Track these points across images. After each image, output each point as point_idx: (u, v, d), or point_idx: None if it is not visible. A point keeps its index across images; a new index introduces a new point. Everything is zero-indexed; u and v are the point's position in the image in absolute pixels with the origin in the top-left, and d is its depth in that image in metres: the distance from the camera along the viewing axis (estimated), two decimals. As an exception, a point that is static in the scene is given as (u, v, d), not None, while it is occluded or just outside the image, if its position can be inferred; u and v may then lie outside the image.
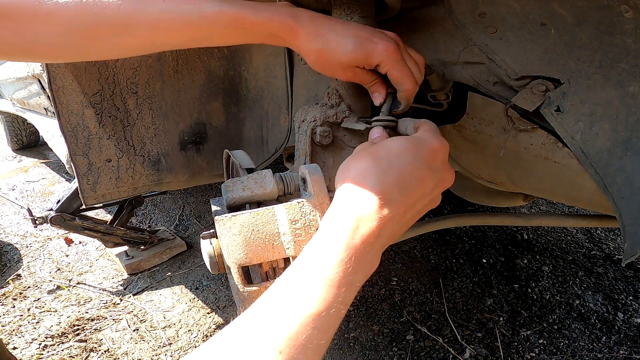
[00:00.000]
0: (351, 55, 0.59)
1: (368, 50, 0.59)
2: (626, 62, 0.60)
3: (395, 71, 0.61)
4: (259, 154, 1.29)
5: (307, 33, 0.59)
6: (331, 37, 0.59)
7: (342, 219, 0.41)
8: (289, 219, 0.46)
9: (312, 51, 0.60)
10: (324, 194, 0.48)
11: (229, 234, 0.45)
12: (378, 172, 0.44)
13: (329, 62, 0.61)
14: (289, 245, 0.46)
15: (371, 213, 0.41)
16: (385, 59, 0.60)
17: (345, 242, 0.39)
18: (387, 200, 0.42)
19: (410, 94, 0.65)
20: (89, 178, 1.07)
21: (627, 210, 0.62)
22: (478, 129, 0.83)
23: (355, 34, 0.59)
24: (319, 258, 0.38)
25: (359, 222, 0.40)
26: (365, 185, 0.43)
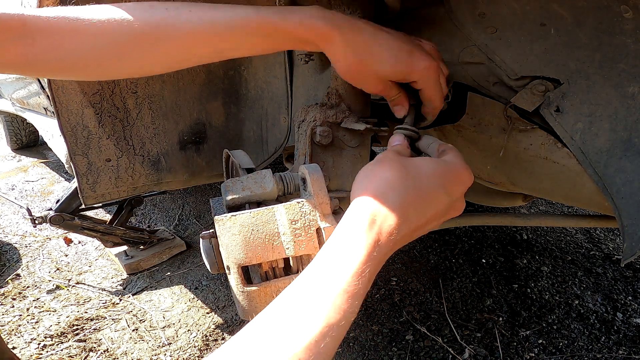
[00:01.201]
0: (390, 70, 0.57)
1: (410, 66, 0.57)
2: (626, 63, 0.60)
3: (431, 90, 0.60)
4: (258, 154, 1.29)
5: (344, 40, 0.55)
6: (373, 48, 0.56)
7: (366, 231, 0.41)
8: (289, 218, 0.46)
9: (348, 60, 0.56)
10: (323, 194, 0.48)
11: (229, 233, 0.45)
12: (402, 188, 0.44)
13: (363, 74, 0.58)
14: (289, 245, 0.46)
15: (391, 229, 0.41)
16: (425, 77, 0.58)
17: (366, 255, 0.39)
18: (405, 219, 0.42)
19: (438, 111, 0.64)
20: (89, 178, 1.07)
21: (627, 211, 0.62)
22: (478, 129, 0.83)
23: (398, 46, 0.56)
24: (339, 268, 0.39)
25: (380, 237, 0.41)
26: (388, 199, 0.43)
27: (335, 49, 0.55)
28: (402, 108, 0.64)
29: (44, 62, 0.48)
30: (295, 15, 0.53)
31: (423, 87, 0.59)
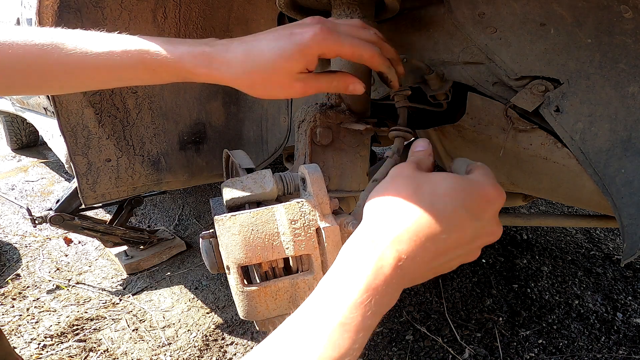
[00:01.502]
0: (282, 60, 0.52)
1: (296, 45, 0.52)
2: (625, 63, 0.60)
3: (342, 47, 0.55)
4: (258, 154, 1.29)
5: (222, 52, 0.52)
6: (254, 51, 0.53)
7: (365, 255, 0.37)
8: (289, 218, 0.46)
9: (238, 70, 0.52)
10: (323, 194, 0.48)
11: (229, 233, 0.45)
12: (415, 209, 0.39)
13: (265, 80, 0.53)
14: (289, 245, 0.46)
15: (398, 255, 0.36)
16: (322, 42, 0.53)
17: (366, 283, 0.35)
18: (416, 245, 0.37)
19: (379, 60, 0.59)
20: (89, 178, 1.07)
21: (627, 210, 0.62)
22: (477, 129, 0.83)
23: (274, 37, 0.54)
24: (336, 299, 0.35)
25: (382, 261, 0.36)
26: (396, 221, 0.38)
27: (223, 69, 0.52)
28: (354, 85, 0.58)
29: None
30: (178, 47, 0.52)
31: (334, 50, 0.55)
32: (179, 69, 0.52)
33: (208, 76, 0.53)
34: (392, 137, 0.68)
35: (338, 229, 0.47)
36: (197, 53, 0.52)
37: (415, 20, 0.86)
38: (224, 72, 0.53)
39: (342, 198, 0.82)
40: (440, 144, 1.02)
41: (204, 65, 0.52)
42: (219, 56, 0.53)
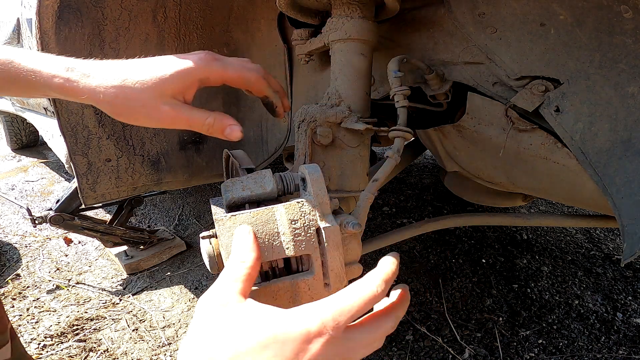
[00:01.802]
0: (159, 76, 0.48)
1: (179, 64, 0.49)
2: (625, 63, 0.60)
3: (226, 71, 0.53)
4: (258, 154, 1.29)
5: (91, 65, 0.49)
6: (135, 62, 0.49)
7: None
8: (289, 218, 0.46)
9: (101, 83, 0.48)
10: (323, 194, 0.48)
11: (229, 233, 0.45)
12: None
13: (128, 95, 0.48)
14: (289, 245, 0.46)
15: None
16: (204, 66, 0.50)
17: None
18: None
19: (264, 83, 0.57)
20: (89, 178, 1.07)
21: (626, 211, 0.62)
22: (477, 129, 0.83)
23: (161, 58, 0.51)
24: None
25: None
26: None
27: (88, 80, 0.48)
28: (231, 129, 0.53)
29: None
30: (45, 56, 0.49)
31: (222, 77, 0.52)
32: (36, 79, 0.48)
33: (61, 88, 0.48)
34: (392, 137, 0.68)
35: (338, 229, 0.47)
36: (59, 61, 0.49)
37: (415, 20, 0.86)
38: (83, 84, 0.48)
39: (342, 198, 0.82)
40: (440, 144, 1.02)
41: (62, 77, 0.48)
42: (83, 67, 0.49)
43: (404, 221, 2.47)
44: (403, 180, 3.12)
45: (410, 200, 2.76)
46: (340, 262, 0.48)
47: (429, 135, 1.01)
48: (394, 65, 0.73)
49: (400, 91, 0.70)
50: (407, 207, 2.66)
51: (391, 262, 0.44)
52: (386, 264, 0.43)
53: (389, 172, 0.64)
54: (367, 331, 0.40)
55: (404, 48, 0.90)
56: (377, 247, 1.07)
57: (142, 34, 0.99)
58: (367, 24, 0.75)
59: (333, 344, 0.37)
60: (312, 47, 0.90)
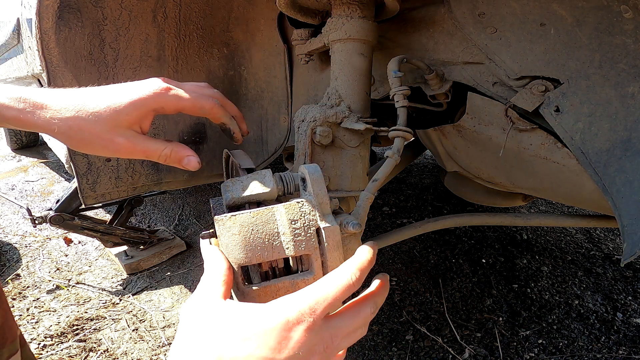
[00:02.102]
0: (114, 107, 0.48)
1: (133, 95, 0.49)
2: (625, 63, 0.60)
3: (181, 100, 0.52)
4: (258, 154, 1.29)
5: (47, 94, 0.48)
6: (91, 91, 0.49)
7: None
8: (289, 218, 0.46)
9: (56, 114, 0.47)
10: (323, 194, 0.48)
11: (229, 233, 0.45)
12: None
13: (83, 127, 0.47)
14: (289, 245, 0.46)
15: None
16: (159, 96, 0.50)
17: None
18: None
19: (219, 111, 0.57)
20: (89, 178, 1.07)
21: (627, 211, 0.62)
22: (477, 129, 0.83)
23: (115, 87, 0.50)
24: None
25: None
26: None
27: (42, 112, 0.47)
28: (189, 159, 0.53)
29: None
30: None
31: (177, 106, 0.52)
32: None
33: (16, 120, 0.47)
34: (392, 137, 0.68)
35: (338, 229, 0.47)
36: (12, 92, 0.47)
37: (415, 20, 0.86)
38: (37, 116, 0.47)
39: (342, 198, 0.82)
40: (440, 144, 1.02)
41: (15, 108, 0.47)
42: (38, 97, 0.48)
43: (404, 221, 2.47)
44: (403, 180, 3.12)
45: (410, 200, 2.76)
46: (341, 262, 0.48)
47: (429, 135, 1.01)
48: (393, 65, 0.73)
49: (400, 91, 0.70)
50: (407, 207, 2.66)
51: (367, 251, 0.45)
52: (362, 253, 0.45)
53: (389, 172, 0.64)
54: (347, 318, 0.42)
55: (404, 48, 0.90)
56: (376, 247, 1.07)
57: (142, 34, 0.99)
58: (367, 24, 0.75)
59: (314, 330, 0.38)
60: (312, 47, 0.90)
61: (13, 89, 0.49)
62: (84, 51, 0.93)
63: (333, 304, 0.40)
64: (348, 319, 0.42)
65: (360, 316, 0.43)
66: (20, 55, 1.60)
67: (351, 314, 0.43)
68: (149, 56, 1.03)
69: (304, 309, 0.38)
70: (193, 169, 0.54)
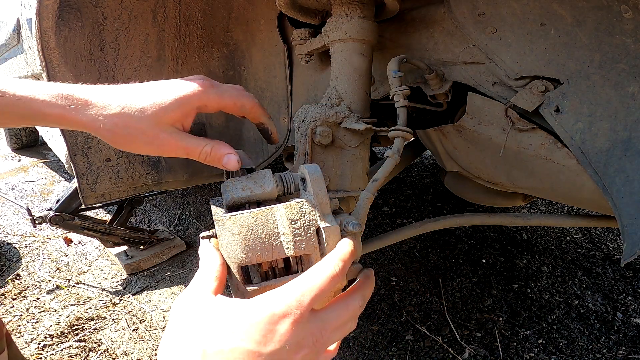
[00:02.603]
0: (159, 104, 0.48)
1: (178, 93, 0.49)
2: (625, 63, 0.60)
3: (223, 99, 0.53)
4: (258, 154, 1.29)
5: (90, 92, 0.48)
6: (135, 88, 0.49)
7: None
8: (289, 218, 0.46)
9: (101, 112, 0.47)
10: (323, 194, 0.48)
11: (229, 233, 0.45)
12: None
13: (128, 123, 0.48)
14: (289, 245, 0.46)
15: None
16: (202, 94, 0.51)
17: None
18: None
19: (260, 110, 0.57)
20: (89, 178, 1.07)
21: (627, 211, 0.62)
22: (477, 129, 0.83)
23: (158, 84, 0.50)
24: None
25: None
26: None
27: (87, 110, 0.47)
28: (229, 158, 0.52)
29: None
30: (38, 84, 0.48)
31: (219, 104, 0.52)
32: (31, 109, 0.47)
33: (60, 118, 0.47)
34: (392, 137, 0.68)
35: (338, 229, 0.48)
36: (55, 89, 0.47)
37: (415, 20, 0.86)
38: (82, 114, 0.47)
39: (342, 198, 0.82)
40: (440, 144, 1.02)
41: (59, 105, 0.47)
42: (82, 94, 0.48)
43: (404, 221, 2.47)
44: (403, 180, 3.12)
45: (410, 200, 2.76)
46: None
47: (429, 135, 1.01)
48: (393, 65, 0.73)
49: (400, 91, 0.70)
50: (407, 207, 2.66)
51: (347, 244, 0.46)
52: (343, 245, 0.46)
53: (389, 172, 0.64)
54: (336, 311, 0.42)
55: (404, 48, 0.90)
56: (377, 247, 1.07)
57: (142, 34, 0.99)
58: (367, 24, 0.75)
59: (301, 323, 0.38)
60: (312, 47, 0.90)
61: (51, 86, 0.48)
62: (84, 51, 0.93)
63: (320, 296, 0.40)
64: (337, 312, 0.42)
65: (349, 309, 0.43)
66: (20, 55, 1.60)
67: (339, 307, 0.43)
68: (149, 56, 1.03)
69: (291, 302, 0.38)
70: (232, 168, 0.51)
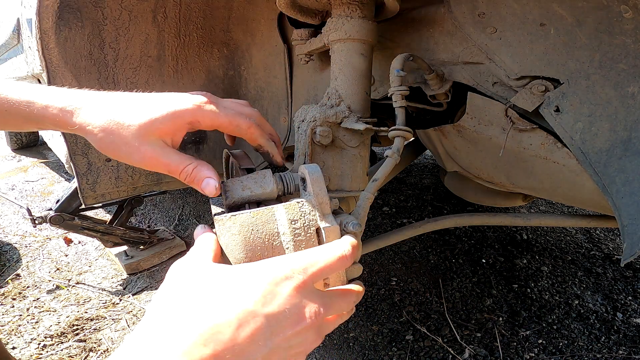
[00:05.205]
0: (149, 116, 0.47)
1: (171, 106, 0.49)
2: (625, 63, 0.60)
3: (219, 117, 0.52)
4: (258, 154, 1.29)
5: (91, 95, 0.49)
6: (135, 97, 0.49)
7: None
8: (289, 218, 0.46)
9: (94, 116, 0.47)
10: (323, 194, 0.48)
11: (229, 233, 0.45)
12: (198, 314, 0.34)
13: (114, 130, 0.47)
14: (289, 245, 0.46)
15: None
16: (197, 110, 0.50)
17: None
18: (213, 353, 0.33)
19: (256, 131, 0.56)
20: (89, 178, 1.07)
21: (626, 210, 0.62)
22: (477, 129, 0.83)
23: (157, 96, 0.50)
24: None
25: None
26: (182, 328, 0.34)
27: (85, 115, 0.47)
28: (208, 182, 0.49)
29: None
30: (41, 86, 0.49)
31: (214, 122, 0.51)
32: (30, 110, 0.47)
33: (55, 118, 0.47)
34: (392, 137, 0.68)
35: (338, 229, 0.48)
36: (53, 92, 0.48)
37: (415, 20, 0.86)
38: (76, 116, 0.48)
39: (342, 198, 0.82)
40: (440, 144, 1.02)
41: (55, 108, 0.47)
42: (79, 98, 0.49)
43: (404, 221, 2.47)
44: (403, 180, 3.12)
45: (410, 200, 2.76)
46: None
47: (429, 135, 1.01)
48: (397, 63, 0.72)
49: (398, 91, 0.70)
50: (407, 207, 2.66)
51: (353, 238, 0.46)
52: (349, 237, 0.46)
53: (389, 172, 0.64)
54: (338, 297, 0.42)
55: (404, 48, 0.90)
56: (377, 247, 1.07)
57: (142, 34, 0.99)
58: (367, 24, 0.75)
59: (305, 290, 0.37)
60: (312, 47, 0.90)
61: (50, 90, 0.49)
62: (84, 51, 0.93)
63: (325, 270, 0.39)
64: (339, 298, 0.42)
65: (348, 301, 0.43)
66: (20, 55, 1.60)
67: (341, 295, 0.43)
68: (149, 56, 1.03)
69: (295, 267, 0.37)
70: (209, 194, 0.49)
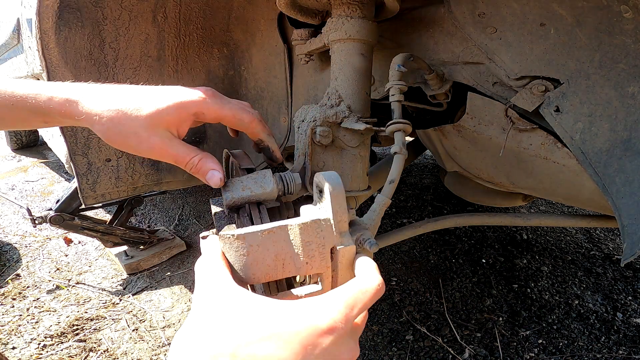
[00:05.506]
0: (156, 106, 0.48)
1: (177, 98, 0.49)
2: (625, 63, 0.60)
3: (222, 110, 0.53)
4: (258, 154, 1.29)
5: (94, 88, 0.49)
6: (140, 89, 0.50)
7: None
8: (303, 240, 0.43)
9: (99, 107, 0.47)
10: (343, 211, 0.44)
11: (237, 254, 0.42)
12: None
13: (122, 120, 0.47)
14: (300, 266, 0.43)
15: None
16: (202, 102, 0.51)
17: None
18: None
19: (259, 125, 0.57)
20: (89, 178, 1.07)
21: (627, 210, 0.62)
22: (477, 129, 0.83)
23: (163, 88, 0.51)
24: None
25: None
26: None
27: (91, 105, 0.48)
28: (213, 174, 0.50)
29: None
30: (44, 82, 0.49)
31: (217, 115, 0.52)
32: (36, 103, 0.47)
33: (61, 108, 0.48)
34: (392, 132, 0.67)
35: (354, 250, 0.44)
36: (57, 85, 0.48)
37: (415, 20, 0.86)
38: (82, 106, 0.48)
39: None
40: (440, 144, 1.02)
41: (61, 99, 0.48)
42: (84, 90, 0.49)
43: (404, 221, 2.47)
44: (403, 180, 3.12)
45: (410, 200, 2.76)
46: (351, 278, 0.45)
47: (429, 135, 1.01)
48: (399, 59, 0.72)
49: (397, 84, 0.70)
50: (407, 207, 2.66)
51: (371, 260, 0.44)
52: (368, 260, 0.43)
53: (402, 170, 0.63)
54: (360, 331, 0.40)
55: (404, 48, 0.90)
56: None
57: (142, 34, 0.99)
58: (367, 24, 0.75)
59: (344, 339, 0.36)
60: (312, 47, 0.90)
61: (55, 84, 0.49)
62: (84, 51, 0.93)
63: (363, 310, 0.38)
64: (359, 332, 0.40)
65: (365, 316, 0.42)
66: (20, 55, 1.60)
67: (361, 328, 0.41)
68: (149, 56, 1.03)
69: (337, 316, 0.35)
70: (214, 185, 0.50)
